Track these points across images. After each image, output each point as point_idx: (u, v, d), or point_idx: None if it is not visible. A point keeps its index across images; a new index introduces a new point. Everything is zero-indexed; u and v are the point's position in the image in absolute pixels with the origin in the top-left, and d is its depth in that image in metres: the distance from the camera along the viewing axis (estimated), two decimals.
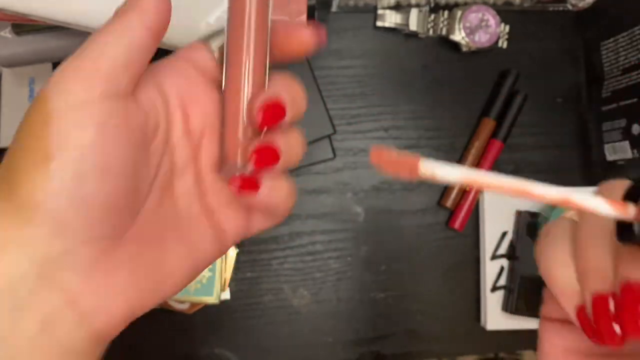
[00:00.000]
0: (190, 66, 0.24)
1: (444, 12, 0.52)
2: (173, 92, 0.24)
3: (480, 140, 0.53)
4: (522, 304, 0.51)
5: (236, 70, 0.24)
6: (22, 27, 0.45)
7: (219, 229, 0.25)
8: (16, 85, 0.67)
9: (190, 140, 0.24)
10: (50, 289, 0.19)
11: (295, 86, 0.24)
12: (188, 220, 0.24)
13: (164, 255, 0.23)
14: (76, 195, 0.19)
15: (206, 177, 0.25)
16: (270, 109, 0.23)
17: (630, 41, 0.48)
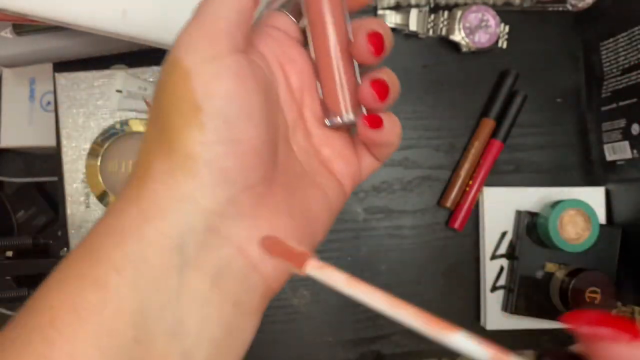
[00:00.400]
0: (276, 30, 0.26)
1: (444, 12, 0.52)
2: (270, 54, 0.25)
3: (480, 140, 0.53)
4: (521, 304, 0.51)
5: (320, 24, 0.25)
6: (22, 28, 0.45)
7: (337, 177, 0.26)
8: (17, 85, 0.67)
9: (294, 99, 0.26)
10: (220, 240, 0.20)
11: (380, 20, 0.25)
12: (312, 170, 0.25)
13: (307, 199, 0.24)
14: (230, 140, 0.20)
15: (314, 132, 0.26)
16: (375, 37, 0.24)
17: (630, 41, 0.48)
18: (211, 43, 0.21)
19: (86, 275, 0.19)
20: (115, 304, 0.19)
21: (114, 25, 0.36)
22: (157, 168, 0.21)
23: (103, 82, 0.49)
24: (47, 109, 0.67)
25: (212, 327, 0.20)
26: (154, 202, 0.20)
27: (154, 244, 0.19)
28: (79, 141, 0.49)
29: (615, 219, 0.53)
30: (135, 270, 0.19)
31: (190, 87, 0.20)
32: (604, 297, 0.48)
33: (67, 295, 0.19)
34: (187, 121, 0.20)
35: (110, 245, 0.20)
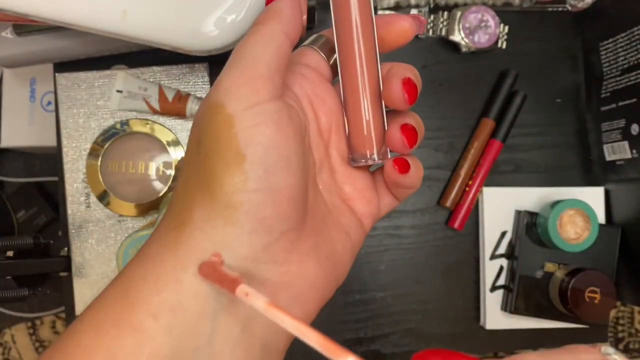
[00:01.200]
0: (308, 69, 0.26)
1: (444, 12, 0.52)
2: (302, 94, 0.25)
3: (479, 140, 0.53)
4: (521, 304, 0.51)
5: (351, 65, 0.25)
6: (23, 28, 0.45)
7: (358, 216, 0.26)
8: (17, 85, 0.67)
9: (322, 137, 0.26)
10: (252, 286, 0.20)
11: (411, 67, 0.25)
12: (336, 211, 0.26)
13: (333, 243, 0.24)
14: (269, 189, 0.21)
15: (338, 170, 0.26)
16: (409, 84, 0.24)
17: (629, 42, 0.49)
18: (253, 89, 0.21)
19: (123, 320, 0.19)
20: (151, 349, 0.19)
21: (114, 25, 0.36)
22: (197, 216, 0.21)
23: (103, 82, 0.49)
24: (48, 109, 0.67)
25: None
26: (192, 249, 0.20)
27: (190, 291, 0.20)
28: (80, 141, 0.50)
29: (614, 218, 0.53)
30: (172, 316, 0.19)
31: (233, 134, 0.21)
32: (604, 296, 0.48)
33: (103, 339, 0.19)
34: (231, 169, 0.20)
35: (146, 291, 0.20)
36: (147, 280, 0.20)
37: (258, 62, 0.22)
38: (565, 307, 0.49)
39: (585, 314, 0.48)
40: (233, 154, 0.20)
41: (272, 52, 0.22)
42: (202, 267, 0.20)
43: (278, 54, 0.22)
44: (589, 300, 0.48)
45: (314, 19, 0.46)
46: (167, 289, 0.20)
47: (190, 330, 0.20)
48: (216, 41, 0.36)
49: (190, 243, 0.20)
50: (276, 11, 0.23)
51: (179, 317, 0.19)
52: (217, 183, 0.21)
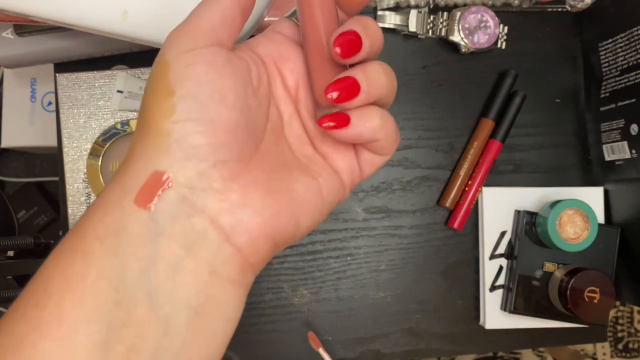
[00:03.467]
0: (277, 34, 0.27)
1: (443, 13, 0.52)
2: (266, 54, 0.26)
3: (479, 140, 0.53)
4: (520, 303, 0.51)
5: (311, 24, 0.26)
6: (23, 28, 0.45)
7: (337, 171, 0.27)
8: (18, 86, 0.67)
9: (290, 95, 0.27)
10: (191, 211, 0.22)
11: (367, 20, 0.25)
12: (305, 158, 0.27)
13: (292, 182, 0.25)
14: (199, 119, 0.22)
15: (309, 126, 0.28)
16: (345, 40, 0.24)
17: (629, 42, 0.49)
18: (192, 38, 0.23)
19: (75, 247, 0.21)
20: (97, 270, 0.20)
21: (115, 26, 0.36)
22: (137, 148, 0.23)
23: (104, 83, 0.49)
24: (48, 109, 0.67)
25: (189, 294, 0.21)
26: (132, 177, 0.22)
27: (131, 215, 0.21)
28: (80, 141, 0.50)
29: (613, 218, 0.53)
30: (116, 239, 0.21)
31: (166, 75, 0.23)
32: (603, 296, 0.48)
33: (59, 265, 0.21)
34: (160, 102, 0.22)
35: (96, 219, 0.22)
36: (97, 210, 0.22)
37: (201, 18, 0.24)
38: (565, 307, 0.49)
39: (584, 313, 0.48)
40: (164, 91, 0.22)
41: (217, 11, 0.24)
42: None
43: (223, 14, 0.24)
44: (588, 300, 0.48)
45: None
46: (112, 215, 0.21)
47: (133, 252, 0.21)
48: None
49: (131, 172, 0.22)
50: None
51: (123, 239, 0.21)
52: (150, 116, 0.23)
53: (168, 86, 0.22)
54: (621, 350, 1.25)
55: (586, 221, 0.49)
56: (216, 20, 0.24)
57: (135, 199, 0.21)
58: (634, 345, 1.25)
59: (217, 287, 0.22)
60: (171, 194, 0.21)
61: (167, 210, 0.21)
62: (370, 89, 0.24)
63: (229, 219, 0.22)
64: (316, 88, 0.26)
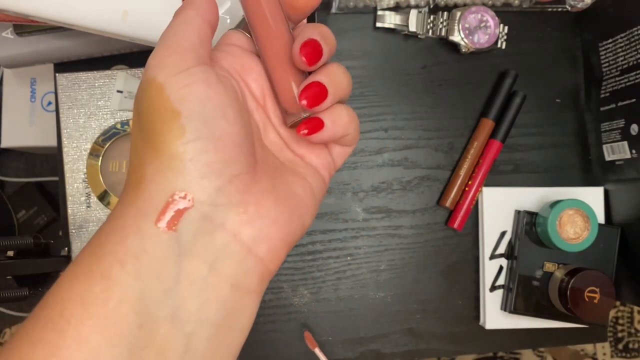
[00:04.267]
0: (232, 46, 0.28)
1: (443, 13, 0.52)
2: (231, 67, 0.27)
3: (479, 140, 0.53)
4: (520, 303, 0.51)
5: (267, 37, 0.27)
6: (23, 28, 0.45)
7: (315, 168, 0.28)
8: (18, 86, 0.67)
9: (259, 104, 0.28)
10: (213, 227, 0.22)
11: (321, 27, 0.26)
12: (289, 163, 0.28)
13: (291, 186, 0.26)
14: (208, 137, 0.22)
15: (281, 130, 0.28)
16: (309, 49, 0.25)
17: (629, 42, 0.49)
18: (180, 59, 0.23)
19: (93, 271, 0.21)
20: (119, 294, 0.20)
21: (115, 26, 0.36)
22: (149, 171, 0.23)
23: (104, 83, 0.49)
24: (48, 109, 0.67)
25: (212, 309, 0.22)
26: (149, 200, 0.22)
27: (152, 237, 0.21)
28: (80, 141, 0.50)
29: (614, 218, 0.53)
30: (136, 262, 0.21)
31: (165, 97, 0.23)
32: (603, 296, 0.48)
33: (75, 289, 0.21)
34: (168, 125, 0.22)
35: (113, 242, 0.21)
36: (113, 234, 0.22)
37: (181, 38, 0.24)
38: (565, 307, 0.49)
39: (584, 313, 0.48)
40: (169, 113, 0.22)
41: (192, 31, 0.25)
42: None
43: (198, 33, 0.25)
44: (588, 300, 0.48)
45: (314, 19, 0.46)
46: (131, 238, 0.21)
47: (156, 274, 0.21)
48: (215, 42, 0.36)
49: (147, 194, 0.22)
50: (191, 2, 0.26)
51: (144, 262, 0.21)
52: (159, 139, 0.22)
53: (171, 108, 0.22)
54: (621, 350, 1.25)
55: (586, 221, 0.49)
56: (195, 40, 0.24)
57: (157, 221, 0.21)
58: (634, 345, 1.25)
59: (239, 299, 0.23)
60: (192, 213, 0.22)
61: (189, 230, 0.22)
62: (335, 90, 0.26)
63: (249, 231, 0.23)
64: (283, 96, 0.27)
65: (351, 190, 0.53)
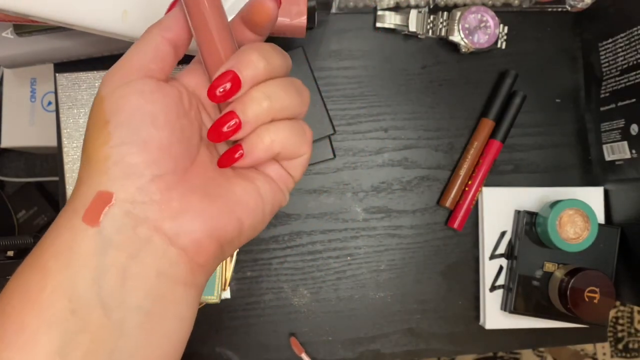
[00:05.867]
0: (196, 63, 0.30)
1: (443, 13, 0.52)
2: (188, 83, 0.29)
3: (479, 140, 0.53)
4: (520, 303, 0.51)
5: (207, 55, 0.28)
6: (23, 28, 0.45)
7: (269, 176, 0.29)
8: (18, 86, 0.67)
9: (211, 118, 0.30)
10: (135, 222, 0.24)
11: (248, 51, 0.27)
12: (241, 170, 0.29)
13: (229, 186, 0.27)
14: (133, 142, 0.24)
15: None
16: (215, 89, 0.26)
17: (629, 42, 0.49)
18: (124, 74, 0.26)
19: (34, 264, 0.24)
20: (52, 283, 0.23)
21: (115, 26, 0.36)
22: (82, 174, 0.25)
23: None
24: (48, 109, 0.67)
25: (139, 297, 0.24)
26: (79, 199, 0.25)
27: (81, 232, 0.24)
28: (80, 141, 0.50)
29: (614, 218, 0.53)
30: (68, 254, 0.23)
31: (102, 108, 0.25)
32: (603, 296, 0.48)
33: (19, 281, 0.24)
34: (98, 132, 0.25)
35: (50, 237, 0.24)
36: (51, 231, 0.24)
37: (132, 55, 0.26)
38: (565, 307, 0.49)
39: (584, 313, 0.48)
40: (101, 122, 0.25)
41: (148, 49, 0.26)
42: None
43: (154, 50, 0.26)
44: (588, 300, 0.48)
45: (314, 19, 0.46)
46: (65, 234, 0.24)
47: (84, 264, 0.23)
48: None
49: (78, 195, 0.25)
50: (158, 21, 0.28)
51: (75, 254, 0.23)
52: (89, 146, 0.25)
53: (104, 118, 0.25)
54: (621, 350, 1.25)
55: (586, 221, 0.49)
56: (148, 57, 0.26)
57: (84, 218, 0.24)
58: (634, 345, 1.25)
59: (166, 288, 0.24)
60: (115, 210, 0.24)
61: (113, 225, 0.24)
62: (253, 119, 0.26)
63: (171, 225, 0.25)
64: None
65: (351, 190, 0.53)
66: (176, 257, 0.25)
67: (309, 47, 0.53)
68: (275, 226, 0.52)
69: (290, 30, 0.45)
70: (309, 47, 0.53)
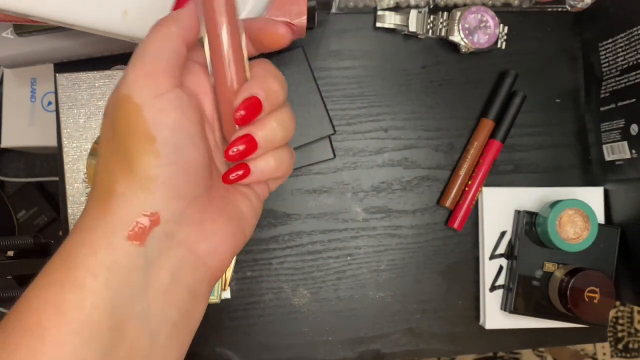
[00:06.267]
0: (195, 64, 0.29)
1: (443, 13, 0.52)
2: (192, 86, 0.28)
3: (479, 140, 0.53)
4: (520, 303, 0.51)
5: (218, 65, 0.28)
6: (23, 28, 0.45)
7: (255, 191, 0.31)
8: (18, 86, 0.67)
9: (210, 125, 0.30)
10: (176, 243, 0.25)
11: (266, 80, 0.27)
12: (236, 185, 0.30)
13: (238, 205, 0.29)
14: (179, 162, 0.25)
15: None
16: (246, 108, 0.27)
17: (629, 42, 0.49)
18: (156, 81, 0.25)
19: (65, 280, 0.23)
20: (91, 301, 0.23)
21: (115, 26, 0.36)
22: (120, 189, 0.25)
23: (104, 83, 0.49)
24: (48, 109, 0.67)
25: (173, 312, 0.25)
26: (120, 216, 0.24)
27: (122, 250, 0.24)
28: (80, 141, 0.50)
29: (614, 218, 0.53)
30: (108, 273, 0.23)
31: (143, 120, 0.24)
32: (603, 296, 0.48)
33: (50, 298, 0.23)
34: (144, 149, 0.24)
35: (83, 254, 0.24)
36: (83, 246, 0.24)
37: (159, 57, 0.26)
38: (565, 307, 0.49)
39: (584, 313, 0.48)
40: (144, 136, 0.24)
41: (170, 50, 0.26)
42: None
43: (176, 52, 0.26)
44: (588, 300, 0.48)
45: (314, 19, 0.46)
46: (102, 251, 0.24)
47: (125, 283, 0.24)
48: None
49: (118, 210, 0.24)
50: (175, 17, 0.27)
51: (115, 273, 0.23)
52: (134, 162, 0.24)
53: (147, 132, 0.24)
54: (621, 350, 1.25)
55: (586, 221, 0.49)
56: (172, 60, 0.26)
57: (129, 237, 0.24)
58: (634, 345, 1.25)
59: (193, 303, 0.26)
60: (158, 230, 0.25)
61: (154, 244, 0.24)
62: (267, 143, 0.28)
63: (205, 247, 0.26)
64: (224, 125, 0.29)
65: (351, 190, 0.53)
66: (203, 276, 0.26)
67: (309, 47, 0.53)
68: (275, 226, 0.52)
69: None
70: (309, 47, 0.53)
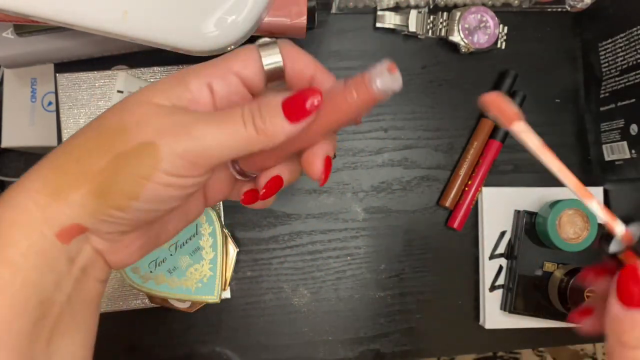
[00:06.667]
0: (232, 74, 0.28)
1: (443, 13, 0.52)
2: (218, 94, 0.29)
3: (479, 140, 0.53)
4: (520, 303, 0.51)
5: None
6: (24, 28, 0.45)
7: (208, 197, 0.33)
8: (18, 86, 0.67)
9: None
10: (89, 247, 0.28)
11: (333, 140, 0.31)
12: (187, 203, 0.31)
13: (165, 226, 0.31)
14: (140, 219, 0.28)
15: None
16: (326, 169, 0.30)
17: (628, 42, 0.49)
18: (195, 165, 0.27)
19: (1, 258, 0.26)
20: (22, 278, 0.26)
21: (115, 26, 0.36)
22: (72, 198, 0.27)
23: (104, 83, 0.49)
24: (49, 109, 0.67)
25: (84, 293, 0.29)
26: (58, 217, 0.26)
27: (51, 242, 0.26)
28: None
29: None
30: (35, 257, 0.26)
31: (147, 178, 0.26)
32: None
33: None
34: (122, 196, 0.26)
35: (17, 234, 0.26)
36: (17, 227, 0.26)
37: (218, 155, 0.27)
38: (565, 307, 0.49)
39: None
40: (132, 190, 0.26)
41: (231, 154, 0.27)
42: (485, 98, 0.27)
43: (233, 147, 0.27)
44: (588, 299, 0.48)
45: (314, 20, 0.46)
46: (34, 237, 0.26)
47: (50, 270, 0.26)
48: (217, 42, 0.36)
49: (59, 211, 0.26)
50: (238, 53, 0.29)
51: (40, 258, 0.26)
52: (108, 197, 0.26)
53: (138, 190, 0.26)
54: None
55: (586, 221, 0.50)
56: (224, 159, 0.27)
57: (57, 235, 0.26)
58: None
59: (98, 287, 0.30)
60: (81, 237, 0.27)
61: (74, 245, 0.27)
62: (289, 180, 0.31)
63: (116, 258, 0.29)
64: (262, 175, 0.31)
65: (351, 190, 0.53)
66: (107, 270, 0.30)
67: (309, 47, 0.53)
68: (275, 226, 0.52)
69: (290, 30, 0.45)
70: (309, 47, 0.53)
